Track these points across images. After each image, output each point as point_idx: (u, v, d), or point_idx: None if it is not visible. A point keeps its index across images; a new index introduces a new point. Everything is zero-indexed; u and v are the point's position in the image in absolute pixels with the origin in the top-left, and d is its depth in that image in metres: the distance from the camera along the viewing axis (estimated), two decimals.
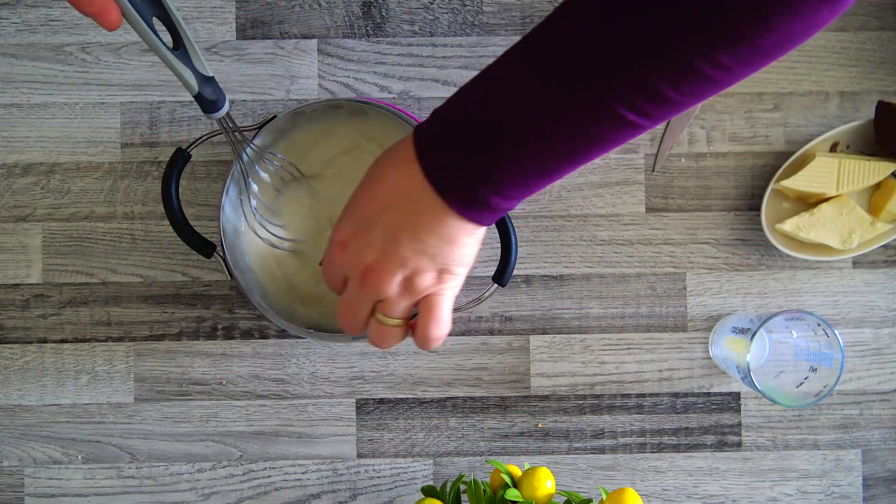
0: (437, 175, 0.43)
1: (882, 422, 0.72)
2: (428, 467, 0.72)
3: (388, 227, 0.45)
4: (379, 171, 0.46)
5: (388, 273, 0.46)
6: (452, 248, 0.45)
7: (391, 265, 0.45)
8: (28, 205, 0.72)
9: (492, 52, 0.72)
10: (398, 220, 0.45)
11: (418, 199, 0.44)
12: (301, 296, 0.65)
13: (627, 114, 0.40)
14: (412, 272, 0.46)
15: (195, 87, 0.48)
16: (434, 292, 0.47)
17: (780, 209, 0.71)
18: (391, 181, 0.45)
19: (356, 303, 0.48)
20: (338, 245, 0.47)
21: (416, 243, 0.45)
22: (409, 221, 0.44)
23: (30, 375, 0.72)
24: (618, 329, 0.72)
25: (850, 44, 0.72)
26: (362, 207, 0.46)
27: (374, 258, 0.46)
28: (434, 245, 0.45)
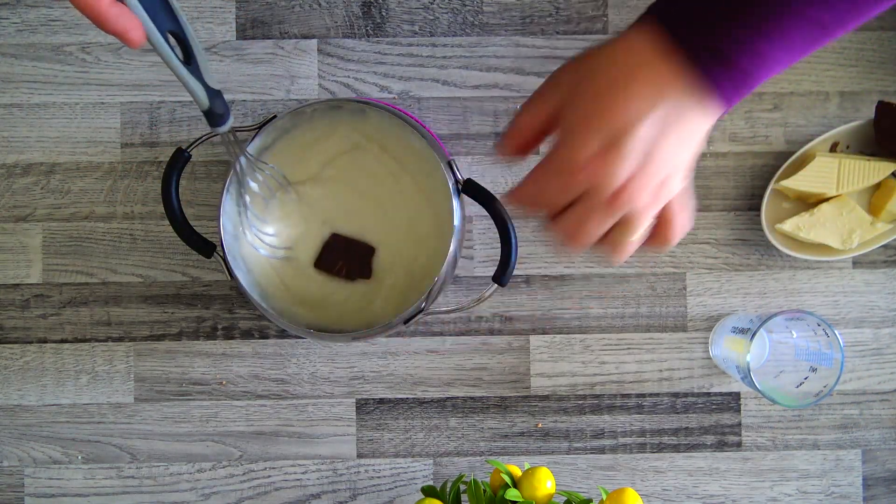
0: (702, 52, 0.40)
1: (882, 422, 0.72)
2: (428, 467, 0.72)
3: (652, 130, 0.41)
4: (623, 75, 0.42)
5: (644, 187, 0.42)
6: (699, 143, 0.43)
7: (648, 178, 0.42)
8: (28, 205, 0.72)
9: (492, 52, 0.72)
10: (663, 119, 0.41)
11: (682, 89, 0.41)
12: (299, 299, 0.65)
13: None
14: (668, 177, 0.43)
15: (206, 102, 0.48)
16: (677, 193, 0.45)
17: (781, 209, 0.71)
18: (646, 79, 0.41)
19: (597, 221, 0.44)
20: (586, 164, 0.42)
21: (677, 147, 0.42)
22: (675, 117, 0.41)
23: (30, 375, 0.72)
24: (618, 329, 0.72)
25: (850, 44, 0.72)
26: (613, 117, 0.41)
27: (631, 173, 0.42)
28: (692, 145, 0.43)
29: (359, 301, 0.64)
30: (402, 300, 0.63)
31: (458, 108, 0.72)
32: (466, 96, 0.72)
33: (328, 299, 0.64)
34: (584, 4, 0.72)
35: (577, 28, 0.72)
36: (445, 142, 0.72)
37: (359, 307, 0.64)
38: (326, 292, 0.65)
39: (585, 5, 0.72)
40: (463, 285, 0.72)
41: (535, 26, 0.72)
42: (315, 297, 0.65)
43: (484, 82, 0.72)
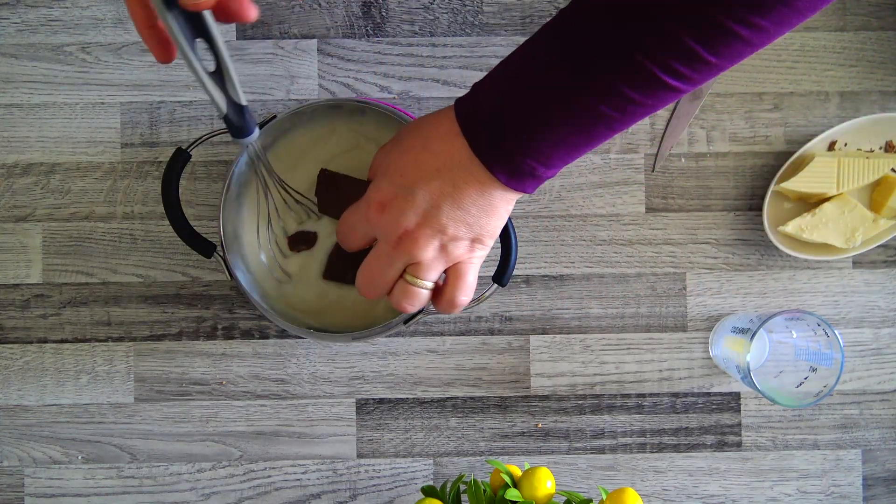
0: (484, 149, 0.46)
1: (882, 422, 0.72)
2: (428, 467, 0.72)
3: (432, 195, 0.47)
4: (423, 140, 0.48)
5: (426, 238, 0.48)
6: (490, 217, 0.48)
7: (430, 231, 0.48)
8: (28, 205, 0.72)
9: (492, 52, 0.72)
10: (443, 188, 0.47)
11: (464, 170, 0.47)
12: (300, 310, 0.64)
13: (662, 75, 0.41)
14: (449, 239, 0.48)
15: (224, 107, 0.49)
16: (465, 260, 0.50)
17: (782, 210, 0.71)
18: (438, 151, 0.47)
19: (385, 264, 0.50)
20: (377, 205, 0.49)
21: (457, 211, 0.47)
22: (454, 190, 0.47)
23: (30, 375, 0.72)
24: (618, 329, 0.72)
25: (850, 44, 0.72)
26: (406, 173, 0.48)
27: (413, 223, 0.48)
28: (474, 214, 0.48)
29: (362, 307, 0.64)
30: None
31: None
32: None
33: (331, 309, 0.64)
34: None
35: None
36: None
37: (362, 312, 0.64)
38: (330, 300, 0.64)
39: None
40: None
41: (535, 26, 0.72)
42: (318, 305, 0.64)
43: None
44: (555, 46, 0.44)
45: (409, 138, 0.50)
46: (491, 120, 0.46)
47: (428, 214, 0.48)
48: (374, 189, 0.50)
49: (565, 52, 0.43)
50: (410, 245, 0.48)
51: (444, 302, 0.51)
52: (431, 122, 0.49)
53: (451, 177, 0.47)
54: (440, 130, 0.48)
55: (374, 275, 0.51)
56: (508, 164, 0.46)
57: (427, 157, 0.48)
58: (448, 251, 0.49)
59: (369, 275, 0.51)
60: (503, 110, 0.45)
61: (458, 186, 0.47)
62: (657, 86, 0.42)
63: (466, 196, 0.47)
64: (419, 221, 0.48)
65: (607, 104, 0.43)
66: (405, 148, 0.49)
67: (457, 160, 0.47)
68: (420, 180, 0.47)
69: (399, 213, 0.48)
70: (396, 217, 0.48)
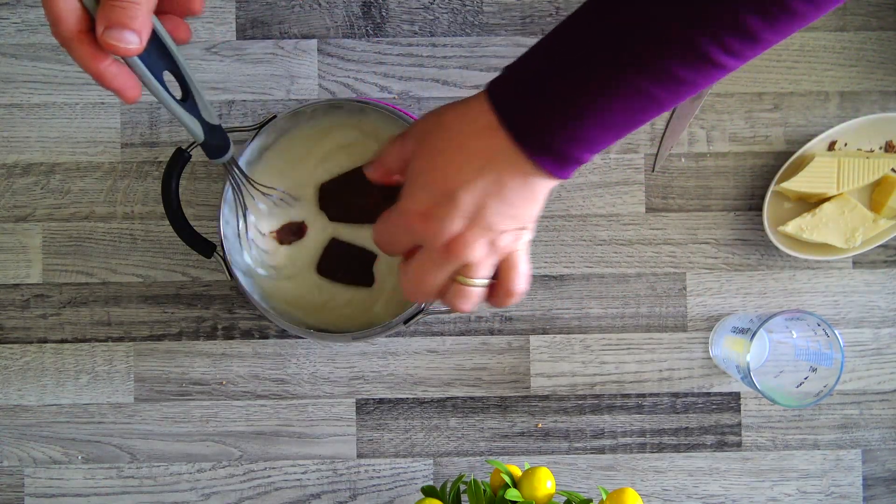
0: (530, 141, 0.44)
1: (882, 422, 0.72)
2: (428, 467, 0.72)
3: (476, 196, 0.45)
4: (456, 140, 0.46)
5: (475, 239, 0.46)
6: (533, 205, 0.46)
7: (479, 231, 0.46)
8: (28, 205, 0.72)
9: (492, 52, 0.72)
10: (486, 187, 0.45)
11: (508, 164, 0.44)
12: (300, 305, 0.65)
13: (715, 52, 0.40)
14: (498, 234, 0.46)
15: (201, 136, 0.48)
16: (515, 250, 0.48)
17: (782, 210, 0.71)
18: (476, 150, 0.45)
19: (434, 271, 0.48)
20: (418, 216, 0.46)
21: (503, 206, 0.45)
22: (499, 187, 0.45)
23: (30, 375, 0.72)
24: (618, 329, 0.72)
25: (850, 44, 0.72)
26: (443, 178, 0.46)
27: (460, 226, 0.46)
28: (519, 206, 0.46)
29: (360, 305, 0.64)
30: (403, 304, 0.63)
31: None
32: (466, 96, 0.72)
33: (330, 305, 0.64)
34: None
35: None
36: None
37: (360, 310, 0.64)
38: (327, 297, 0.64)
39: None
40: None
41: (535, 26, 0.72)
42: (316, 302, 0.64)
43: (484, 82, 0.72)
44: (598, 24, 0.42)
45: (436, 139, 0.47)
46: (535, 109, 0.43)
47: (475, 216, 0.46)
48: (410, 199, 0.47)
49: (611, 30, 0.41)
50: (460, 249, 0.46)
51: (502, 294, 0.49)
52: (461, 118, 0.46)
53: (495, 174, 0.45)
54: (475, 127, 0.45)
55: (423, 282, 0.48)
56: (555, 153, 0.44)
57: (464, 157, 0.45)
58: (498, 246, 0.47)
59: (418, 282, 0.49)
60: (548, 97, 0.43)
61: (501, 182, 0.45)
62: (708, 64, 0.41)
63: (511, 190, 0.45)
64: (466, 224, 0.46)
65: (657, 83, 0.41)
66: (435, 150, 0.46)
67: (499, 156, 0.45)
68: (462, 183, 0.45)
69: (444, 220, 0.46)
70: (441, 225, 0.46)
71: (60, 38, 0.38)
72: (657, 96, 0.42)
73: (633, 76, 0.41)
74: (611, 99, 0.42)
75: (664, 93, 0.42)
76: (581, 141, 0.44)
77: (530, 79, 0.44)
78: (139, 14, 0.38)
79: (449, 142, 0.46)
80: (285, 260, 0.64)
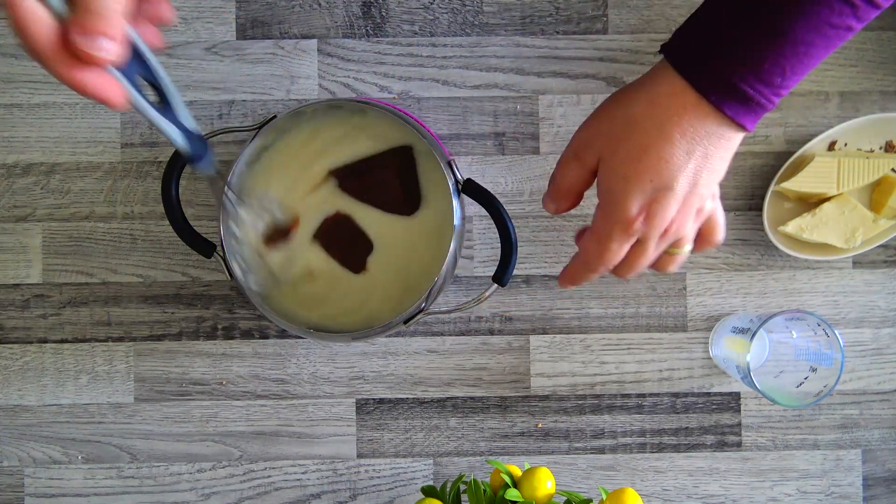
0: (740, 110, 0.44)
1: (882, 422, 0.72)
2: (428, 467, 0.72)
3: (689, 178, 0.46)
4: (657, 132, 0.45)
5: (689, 216, 0.47)
6: (728, 162, 0.47)
7: (692, 207, 0.47)
8: (28, 205, 0.72)
9: (492, 52, 0.72)
10: (697, 166, 0.45)
11: (713, 137, 0.45)
12: (299, 301, 0.65)
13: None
14: (704, 201, 0.48)
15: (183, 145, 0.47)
16: (715, 207, 0.50)
17: (782, 210, 0.71)
18: (682, 135, 0.45)
19: (651, 253, 0.49)
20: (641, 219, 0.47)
21: (712, 175, 0.46)
22: (707, 161, 0.46)
23: (30, 375, 0.72)
24: (618, 329, 0.72)
25: (850, 44, 0.72)
26: (657, 174, 0.45)
27: (676, 210, 0.47)
28: (722, 167, 0.47)
29: (356, 298, 0.64)
30: (400, 300, 0.63)
31: (458, 108, 0.72)
32: (466, 96, 0.72)
33: (331, 298, 0.64)
34: (584, 4, 0.72)
35: (577, 28, 0.72)
36: (445, 142, 0.72)
37: (357, 304, 0.64)
38: (322, 290, 0.64)
39: (585, 5, 0.72)
40: (463, 285, 0.72)
41: (535, 26, 0.72)
42: (318, 297, 0.64)
43: (484, 82, 0.72)
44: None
45: (636, 135, 0.46)
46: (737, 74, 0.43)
47: (689, 195, 0.46)
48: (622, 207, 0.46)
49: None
50: (677, 229, 0.48)
51: (706, 246, 0.51)
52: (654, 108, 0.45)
53: (702, 149, 0.45)
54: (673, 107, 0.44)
55: (637, 266, 0.50)
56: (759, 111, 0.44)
57: (673, 148, 0.45)
58: (703, 211, 0.49)
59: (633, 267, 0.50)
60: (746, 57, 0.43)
61: (710, 155, 0.45)
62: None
63: (716, 158, 0.46)
64: (681, 206, 0.47)
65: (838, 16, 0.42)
66: (639, 148, 0.45)
67: (700, 130, 0.45)
68: (676, 173, 0.45)
69: (665, 212, 0.46)
70: (664, 217, 0.47)
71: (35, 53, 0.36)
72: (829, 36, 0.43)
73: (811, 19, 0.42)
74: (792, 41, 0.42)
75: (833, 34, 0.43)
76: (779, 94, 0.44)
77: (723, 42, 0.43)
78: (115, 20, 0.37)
79: (650, 136, 0.45)
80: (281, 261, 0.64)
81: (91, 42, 0.37)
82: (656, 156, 0.45)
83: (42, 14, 0.36)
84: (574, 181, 0.50)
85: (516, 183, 0.72)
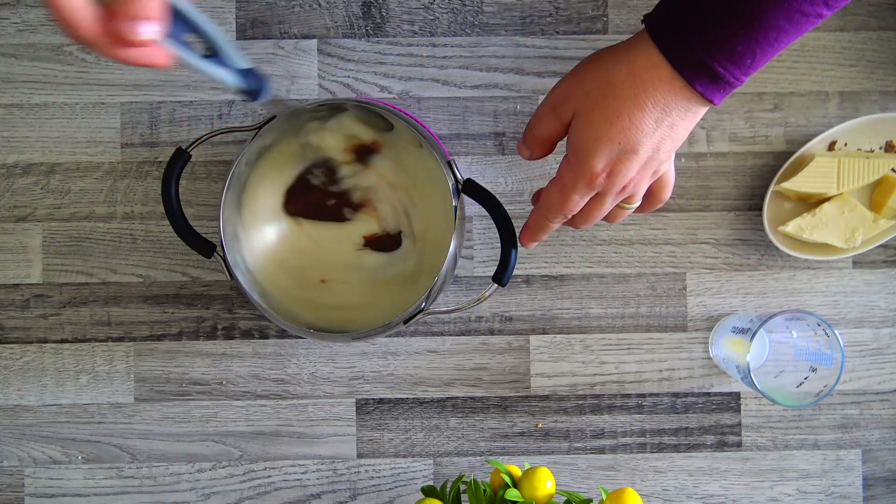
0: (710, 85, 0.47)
1: (882, 422, 0.72)
2: (428, 467, 0.72)
3: (653, 144, 0.49)
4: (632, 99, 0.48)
5: (646, 176, 0.51)
6: (689, 130, 0.50)
7: (651, 170, 0.51)
8: (28, 205, 0.72)
9: (492, 52, 0.72)
10: (662, 134, 0.49)
11: (682, 108, 0.48)
12: (300, 302, 0.65)
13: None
14: (660, 164, 0.51)
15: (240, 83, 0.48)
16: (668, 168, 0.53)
17: (782, 210, 0.71)
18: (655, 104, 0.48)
19: (607, 206, 0.53)
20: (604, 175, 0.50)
21: (674, 143, 0.50)
22: (672, 130, 0.49)
23: (30, 375, 0.72)
24: (618, 329, 0.72)
25: (850, 44, 0.72)
26: (625, 138, 0.49)
27: (636, 171, 0.50)
28: (684, 136, 0.50)
29: (360, 298, 0.64)
30: (401, 300, 0.63)
31: (458, 108, 0.72)
32: (466, 96, 0.72)
33: (331, 302, 0.64)
34: (584, 4, 0.72)
35: (577, 28, 0.72)
36: (445, 142, 0.72)
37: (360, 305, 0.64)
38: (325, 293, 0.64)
39: (585, 5, 0.72)
40: (463, 285, 0.72)
41: (535, 26, 0.72)
42: (318, 301, 0.64)
43: (484, 82, 0.72)
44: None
45: (612, 100, 0.49)
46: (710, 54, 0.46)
47: (650, 159, 0.50)
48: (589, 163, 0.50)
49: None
50: (634, 186, 0.52)
51: (653, 203, 0.56)
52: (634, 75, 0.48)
53: (671, 121, 0.48)
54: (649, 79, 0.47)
55: (592, 218, 0.54)
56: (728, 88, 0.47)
57: (643, 115, 0.48)
58: (658, 171, 0.52)
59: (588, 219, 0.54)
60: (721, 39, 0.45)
61: (675, 126, 0.49)
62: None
63: (682, 129, 0.49)
64: (641, 168, 0.50)
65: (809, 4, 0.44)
66: (613, 112, 0.49)
67: (675, 104, 0.48)
68: (643, 139, 0.49)
69: (627, 171, 0.50)
70: (625, 175, 0.50)
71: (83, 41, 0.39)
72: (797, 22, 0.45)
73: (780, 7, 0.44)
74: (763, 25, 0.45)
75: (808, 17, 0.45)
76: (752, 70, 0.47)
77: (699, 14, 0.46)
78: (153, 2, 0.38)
79: (625, 102, 0.48)
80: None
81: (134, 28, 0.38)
82: (628, 121, 0.48)
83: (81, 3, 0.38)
84: (549, 132, 0.53)
85: (516, 183, 0.72)
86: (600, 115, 0.49)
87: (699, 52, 0.46)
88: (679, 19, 0.47)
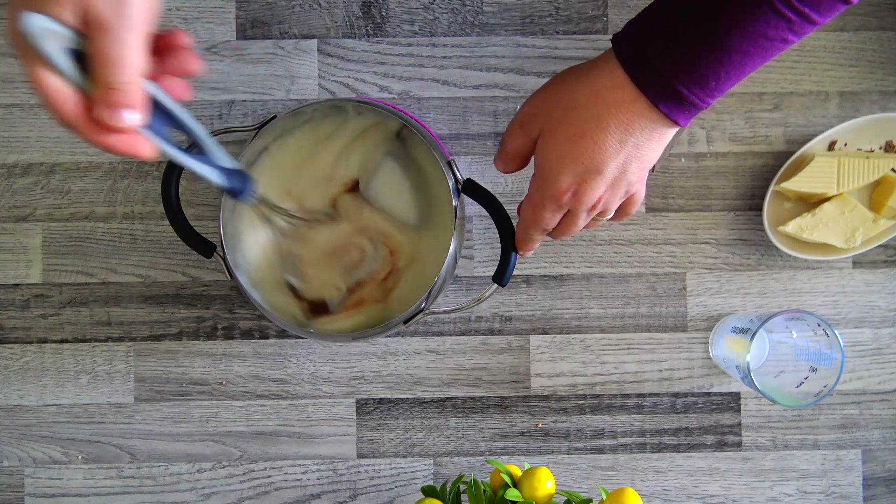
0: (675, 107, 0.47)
1: (882, 422, 0.72)
2: (428, 467, 0.72)
3: (619, 164, 0.49)
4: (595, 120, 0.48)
5: (616, 195, 0.52)
6: (659, 151, 0.50)
7: (620, 189, 0.51)
8: (28, 205, 0.72)
9: (492, 52, 0.72)
10: (628, 154, 0.49)
11: (647, 129, 0.48)
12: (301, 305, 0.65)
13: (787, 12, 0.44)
14: (631, 184, 0.52)
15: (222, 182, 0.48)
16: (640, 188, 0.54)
17: (782, 210, 0.71)
18: (618, 125, 0.48)
19: (580, 223, 0.54)
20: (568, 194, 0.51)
21: (641, 164, 0.50)
22: (638, 150, 0.49)
23: (30, 375, 0.72)
24: (618, 329, 0.72)
25: (850, 44, 0.72)
26: (591, 158, 0.49)
27: (604, 190, 0.51)
28: (653, 157, 0.50)
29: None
30: (401, 300, 0.63)
31: (458, 108, 0.72)
32: (466, 96, 0.72)
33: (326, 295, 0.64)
34: (584, 4, 0.72)
35: (577, 28, 0.72)
36: (445, 142, 0.72)
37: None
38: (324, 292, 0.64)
39: (585, 5, 0.72)
40: (463, 285, 0.72)
41: (535, 26, 0.72)
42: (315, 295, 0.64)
43: (484, 82, 0.72)
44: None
45: (575, 120, 0.49)
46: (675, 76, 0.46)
47: (617, 179, 0.50)
48: (555, 182, 0.51)
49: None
50: (604, 204, 0.52)
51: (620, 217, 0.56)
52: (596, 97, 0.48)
53: (634, 139, 0.48)
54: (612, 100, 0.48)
55: (568, 232, 0.55)
56: (693, 110, 0.47)
57: (606, 135, 0.48)
58: (629, 191, 0.52)
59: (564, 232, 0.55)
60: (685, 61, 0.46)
61: (640, 146, 0.49)
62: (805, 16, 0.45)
63: (648, 149, 0.49)
64: (609, 187, 0.51)
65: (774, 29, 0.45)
66: (576, 133, 0.49)
67: (639, 125, 0.48)
68: (607, 160, 0.49)
69: (593, 191, 0.51)
70: (592, 195, 0.51)
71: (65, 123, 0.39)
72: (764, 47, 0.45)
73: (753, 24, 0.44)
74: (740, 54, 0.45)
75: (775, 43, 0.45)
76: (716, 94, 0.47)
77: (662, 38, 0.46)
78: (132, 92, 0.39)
79: (588, 123, 0.49)
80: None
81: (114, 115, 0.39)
82: (591, 142, 0.48)
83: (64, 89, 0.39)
84: (519, 148, 0.54)
85: (516, 183, 0.72)
86: (564, 134, 0.49)
87: (663, 74, 0.46)
88: (645, 40, 0.47)
